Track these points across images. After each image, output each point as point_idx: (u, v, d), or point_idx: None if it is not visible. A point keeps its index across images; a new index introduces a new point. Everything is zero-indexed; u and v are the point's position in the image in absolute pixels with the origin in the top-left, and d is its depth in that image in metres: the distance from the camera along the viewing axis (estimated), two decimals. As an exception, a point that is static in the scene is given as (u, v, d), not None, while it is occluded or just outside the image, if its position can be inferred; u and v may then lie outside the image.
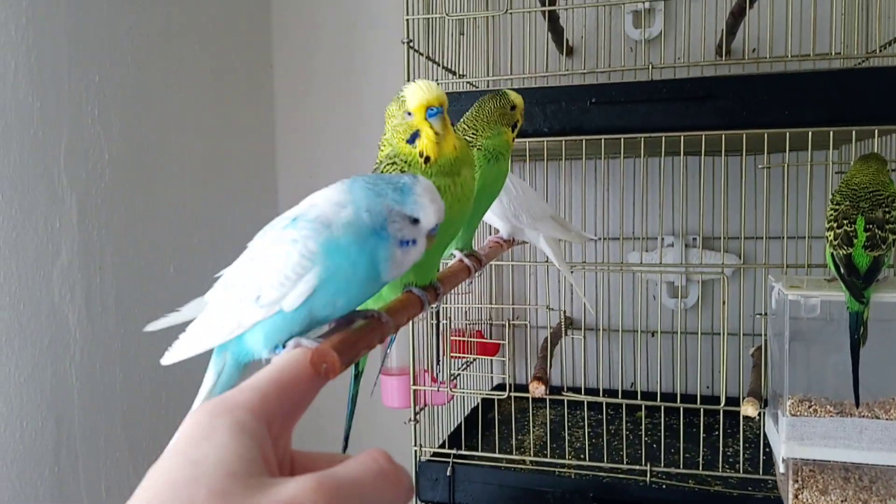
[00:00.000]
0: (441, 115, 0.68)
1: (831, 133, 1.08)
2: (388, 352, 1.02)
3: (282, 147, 2.06)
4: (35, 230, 1.30)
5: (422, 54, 1.31)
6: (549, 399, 1.40)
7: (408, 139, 0.68)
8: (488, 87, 1.55)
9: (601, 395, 1.26)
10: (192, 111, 1.72)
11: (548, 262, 1.32)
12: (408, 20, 1.27)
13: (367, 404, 1.87)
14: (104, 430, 1.45)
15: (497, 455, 1.31)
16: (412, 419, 1.31)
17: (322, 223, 0.57)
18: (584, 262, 1.61)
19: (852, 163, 1.03)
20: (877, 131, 1.07)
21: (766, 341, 1.19)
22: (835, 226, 0.98)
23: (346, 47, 1.95)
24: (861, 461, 0.99)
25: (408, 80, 1.26)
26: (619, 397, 1.25)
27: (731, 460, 1.33)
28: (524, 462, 1.31)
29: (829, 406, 1.00)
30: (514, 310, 1.82)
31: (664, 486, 1.22)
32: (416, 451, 1.31)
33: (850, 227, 0.95)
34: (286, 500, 0.30)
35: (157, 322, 0.62)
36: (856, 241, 0.94)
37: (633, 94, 1.16)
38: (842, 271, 0.95)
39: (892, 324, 0.98)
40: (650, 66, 1.16)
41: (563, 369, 1.76)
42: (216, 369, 0.62)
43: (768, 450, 1.25)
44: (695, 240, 1.74)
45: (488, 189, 0.89)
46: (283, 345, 0.56)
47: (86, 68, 1.41)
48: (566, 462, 1.30)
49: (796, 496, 1.01)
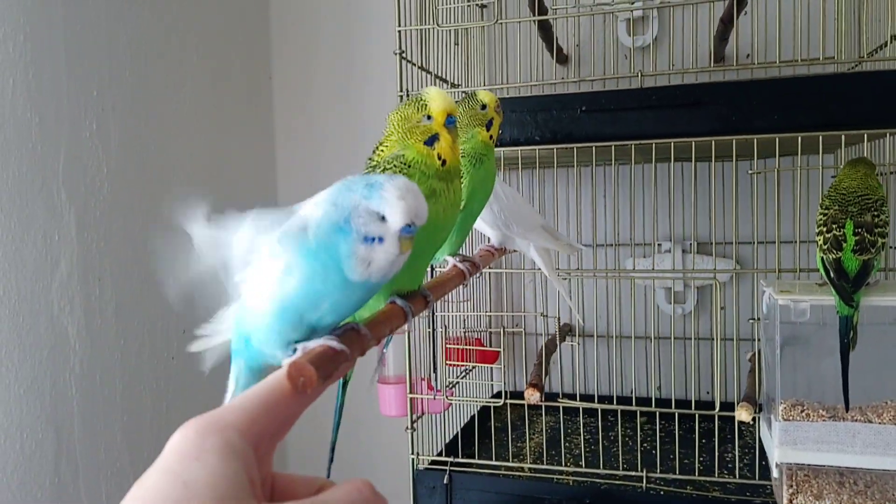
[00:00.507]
0: (455, 124, 0.74)
1: (821, 138, 1.08)
2: (382, 356, 1.02)
3: (281, 157, 2.08)
4: (34, 243, 1.31)
5: (414, 64, 1.32)
6: (547, 406, 1.40)
7: (426, 140, 0.73)
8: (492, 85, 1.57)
9: (596, 401, 1.26)
10: (190, 123, 1.74)
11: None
12: (400, 31, 1.28)
13: (365, 413, 1.88)
14: (104, 441, 1.46)
15: (494, 463, 1.32)
16: (409, 427, 1.31)
17: (300, 227, 0.58)
18: (581, 270, 1.62)
19: (840, 167, 1.04)
20: (866, 136, 1.07)
21: (759, 346, 1.19)
22: (824, 230, 0.98)
23: (343, 57, 1.96)
24: (855, 465, 0.99)
25: (400, 90, 1.27)
26: (615, 403, 1.25)
27: (729, 465, 1.33)
28: (522, 469, 1.32)
29: (821, 410, 1.00)
30: (513, 317, 1.83)
31: (661, 493, 1.22)
32: (413, 460, 1.31)
33: (839, 231, 0.95)
34: None
35: (199, 343, 0.63)
36: (845, 245, 0.94)
37: (623, 102, 1.16)
38: (831, 275, 0.95)
39: (882, 327, 0.98)
40: (640, 74, 1.17)
41: (561, 376, 1.76)
42: (235, 375, 0.63)
43: (766, 455, 1.24)
44: (692, 245, 1.75)
45: (478, 192, 0.90)
46: (295, 349, 0.57)
47: (84, 83, 1.43)
48: (563, 469, 1.30)
49: (791, 501, 1.01)
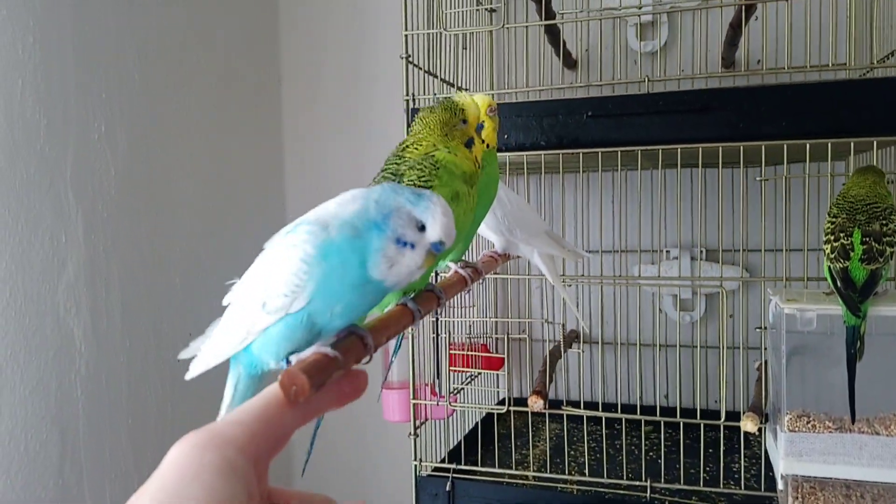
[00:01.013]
0: (484, 129, 0.81)
1: (829, 145, 1.07)
2: (391, 363, 1.02)
3: (290, 160, 2.08)
4: (41, 245, 1.32)
5: (420, 68, 1.31)
6: (552, 413, 1.39)
7: (465, 143, 0.79)
8: (495, 100, 1.56)
9: (601, 409, 1.25)
10: (199, 126, 1.75)
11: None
12: (406, 35, 1.28)
13: (368, 417, 1.88)
14: (109, 444, 1.47)
15: (497, 470, 1.31)
16: (412, 433, 1.31)
17: (320, 225, 0.57)
18: (589, 277, 1.61)
19: (849, 175, 1.02)
20: (875, 143, 1.05)
21: (764, 356, 1.17)
22: (832, 239, 0.97)
23: (351, 61, 1.97)
24: (861, 478, 0.97)
25: (406, 94, 1.27)
26: (620, 412, 1.24)
27: (735, 476, 1.31)
28: (525, 477, 1.31)
29: (828, 421, 0.98)
30: (519, 324, 1.82)
31: (666, 502, 1.21)
32: (415, 466, 1.30)
33: (847, 240, 0.94)
34: None
35: (188, 350, 0.62)
36: (852, 254, 0.93)
37: (629, 107, 1.15)
38: (838, 285, 0.94)
39: (891, 338, 0.96)
40: (646, 79, 1.16)
41: (568, 383, 1.75)
42: (233, 382, 0.63)
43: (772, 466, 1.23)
44: (701, 252, 1.73)
45: (481, 197, 0.89)
46: (288, 359, 0.57)
47: (92, 86, 1.43)
48: (568, 477, 1.29)
49: (796, 513, 1.00)
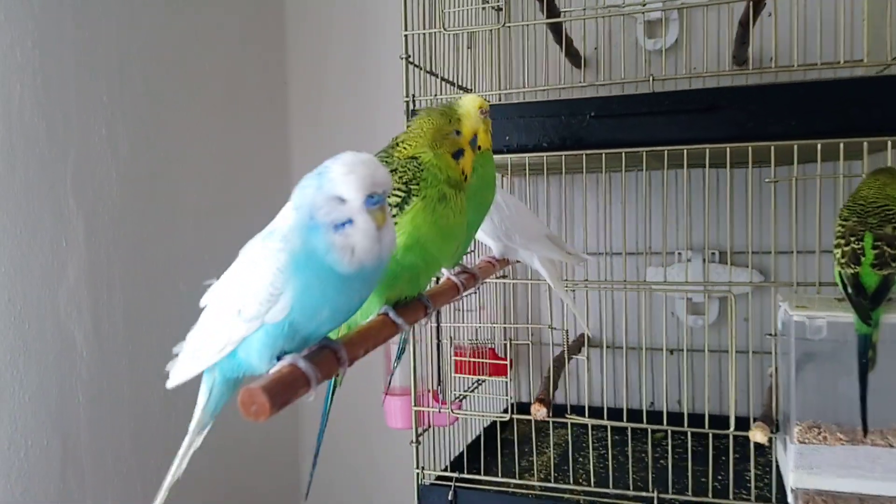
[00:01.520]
0: (477, 143, 0.80)
1: (841, 144, 1.03)
2: (393, 369, 1.00)
3: (297, 162, 2.06)
4: (41, 249, 1.31)
5: (421, 69, 1.29)
6: (558, 421, 1.35)
7: (454, 153, 0.78)
8: (499, 100, 1.53)
9: (606, 416, 1.22)
10: (204, 128, 1.73)
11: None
12: (406, 35, 1.25)
13: (371, 424, 1.85)
14: (112, 449, 1.46)
15: (501, 479, 1.28)
16: (414, 441, 1.28)
17: (280, 240, 0.57)
18: (599, 281, 1.57)
19: (863, 176, 0.98)
20: (890, 143, 1.01)
21: (776, 363, 1.13)
22: (842, 243, 0.93)
23: (356, 61, 1.94)
24: (875, 493, 0.93)
25: (406, 94, 1.25)
26: (626, 420, 1.21)
27: (747, 487, 1.26)
28: (530, 487, 1.27)
29: (839, 433, 0.94)
30: (528, 329, 1.78)
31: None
32: (418, 474, 1.28)
33: (858, 244, 0.90)
34: None
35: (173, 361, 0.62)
36: (863, 259, 0.89)
37: (634, 107, 1.12)
38: (849, 291, 0.90)
39: (905, 347, 0.92)
40: (651, 78, 1.13)
41: (577, 388, 1.72)
42: (208, 386, 0.62)
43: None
44: (714, 255, 1.69)
45: (477, 198, 0.87)
46: (278, 359, 0.56)
47: (93, 89, 1.42)
48: (573, 488, 1.25)
49: (806, 528, 0.96)
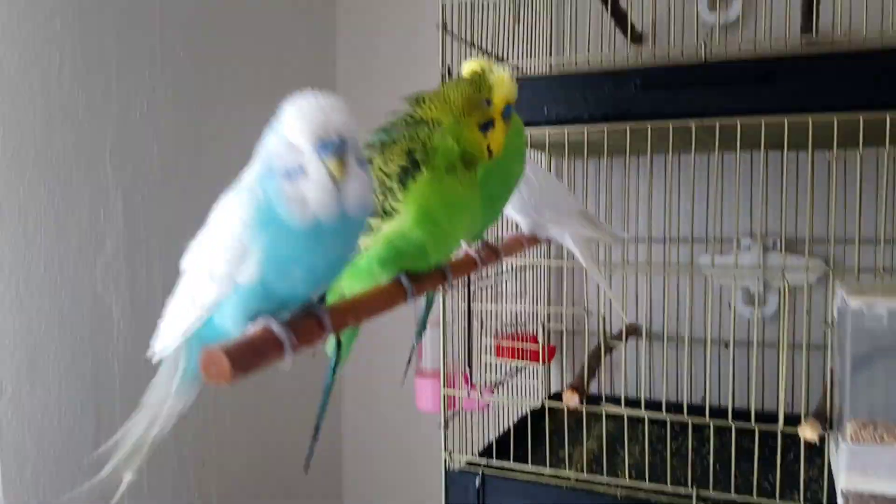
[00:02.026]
0: (511, 114, 0.74)
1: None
2: (414, 348, 0.95)
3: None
4: (79, 221, 1.32)
5: (462, 40, 1.24)
6: (595, 412, 1.29)
7: (481, 125, 0.73)
8: (549, 71, 1.47)
9: (643, 406, 1.15)
10: (248, 103, 1.72)
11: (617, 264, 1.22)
12: (444, 4, 1.20)
13: (402, 406, 1.82)
14: (147, 422, 1.46)
15: (532, 468, 1.22)
16: (441, 424, 1.24)
17: (246, 193, 0.56)
18: (651, 264, 1.50)
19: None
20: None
21: (831, 356, 1.04)
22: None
23: (405, 35, 1.91)
24: (937, 500, 0.84)
25: (442, 65, 1.20)
26: (664, 411, 1.13)
27: (798, 487, 1.18)
28: (565, 479, 1.21)
29: (899, 433, 0.86)
30: (573, 316, 1.72)
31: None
32: (445, 459, 1.24)
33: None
34: None
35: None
36: (931, 240, 0.80)
37: (683, 77, 1.05)
38: (915, 276, 0.81)
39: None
40: (704, 46, 1.05)
41: (626, 378, 1.64)
42: (186, 351, 0.60)
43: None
44: (775, 243, 1.59)
45: (493, 175, 0.82)
46: (254, 320, 0.55)
47: (134, 64, 1.42)
48: (607, 480, 1.19)
49: (858, 535, 0.88)
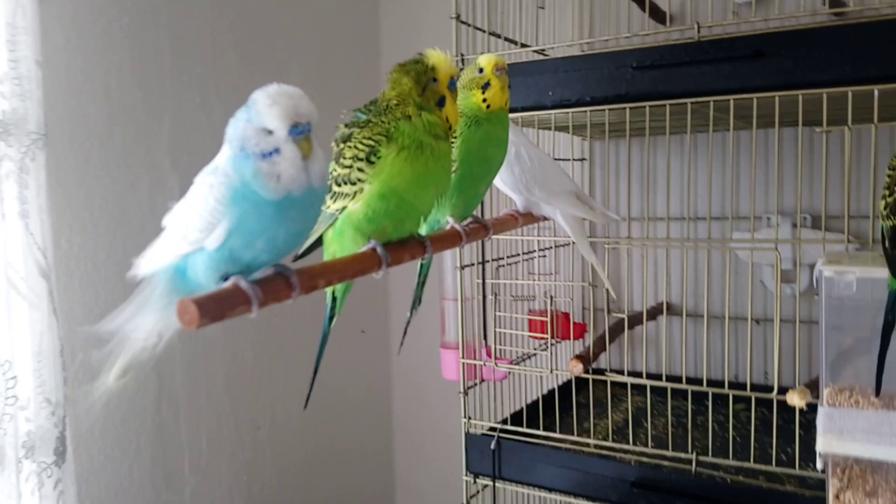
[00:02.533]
0: (456, 87, 0.83)
1: (900, 90, 0.94)
2: (408, 321, 1.01)
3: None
4: (139, 207, 1.47)
5: (480, 29, 1.30)
6: (632, 385, 1.32)
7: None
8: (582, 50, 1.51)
9: (664, 378, 1.19)
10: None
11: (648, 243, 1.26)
12: (458, -3, 1.27)
13: (428, 376, 1.90)
14: (206, 388, 1.61)
15: (544, 433, 1.28)
16: (462, 391, 1.32)
17: (218, 175, 0.63)
18: (669, 239, 1.53)
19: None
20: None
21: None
22: (886, 193, 0.86)
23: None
24: (912, 462, 0.86)
25: (456, 54, 1.27)
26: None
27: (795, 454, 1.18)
28: (582, 444, 1.26)
29: (874, 398, 0.88)
30: (606, 292, 1.76)
31: (718, 479, 1.13)
32: (465, 423, 1.32)
33: (898, 194, 0.83)
34: None
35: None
36: (901, 210, 0.82)
37: (676, 56, 1.08)
38: (886, 245, 0.83)
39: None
40: (697, 26, 1.08)
41: (658, 354, 1.68)
42: (151, 290, 0.70)
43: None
44: (805, 220, 1.58)
45: (474, 154, 0.89)
46: (225, 279, 0.63)
47: (187, 61, 1.56)
48: (626, 447, 1.24)
49: (837, 497, 0.91)
